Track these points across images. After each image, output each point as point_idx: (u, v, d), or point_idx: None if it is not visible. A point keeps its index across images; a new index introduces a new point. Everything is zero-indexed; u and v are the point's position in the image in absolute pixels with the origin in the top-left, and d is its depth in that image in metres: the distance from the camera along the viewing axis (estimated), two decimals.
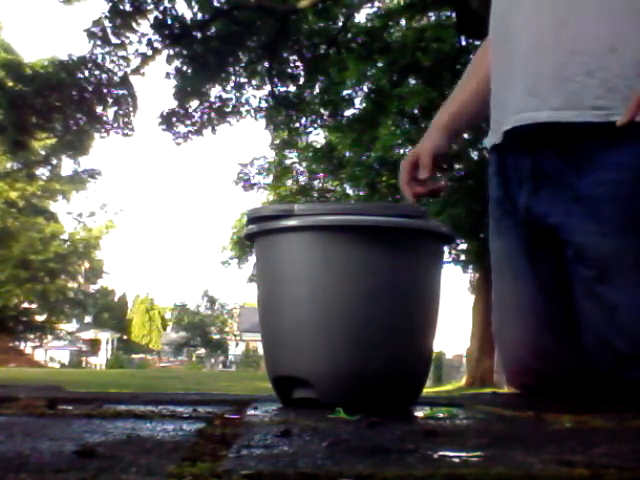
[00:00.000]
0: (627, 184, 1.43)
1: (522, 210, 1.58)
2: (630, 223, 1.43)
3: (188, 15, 11.80)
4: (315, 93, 13.79)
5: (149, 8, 11.34)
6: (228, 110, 13.37)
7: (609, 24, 1.45)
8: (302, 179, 19.04)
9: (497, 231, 1.68)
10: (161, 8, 11.35)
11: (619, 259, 1.44)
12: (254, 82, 13.31)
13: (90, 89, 12.00)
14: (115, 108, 12.38)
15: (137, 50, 11.76)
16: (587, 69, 1.44)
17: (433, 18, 13.00)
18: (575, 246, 1.49)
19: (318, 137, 17.75)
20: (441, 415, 1.18)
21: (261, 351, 1.58)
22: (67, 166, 33.56)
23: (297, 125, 14.99)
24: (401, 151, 14.11)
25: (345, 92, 14.11)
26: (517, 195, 1.59)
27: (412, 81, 13.32)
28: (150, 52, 11.77)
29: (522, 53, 1.52)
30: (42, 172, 26.29)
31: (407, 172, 1.65)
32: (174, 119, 12.92)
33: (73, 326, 38.49)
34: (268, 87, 12.95)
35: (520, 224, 1.59)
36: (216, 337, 45.02)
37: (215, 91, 13.09)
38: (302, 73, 12.95)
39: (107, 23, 11.37)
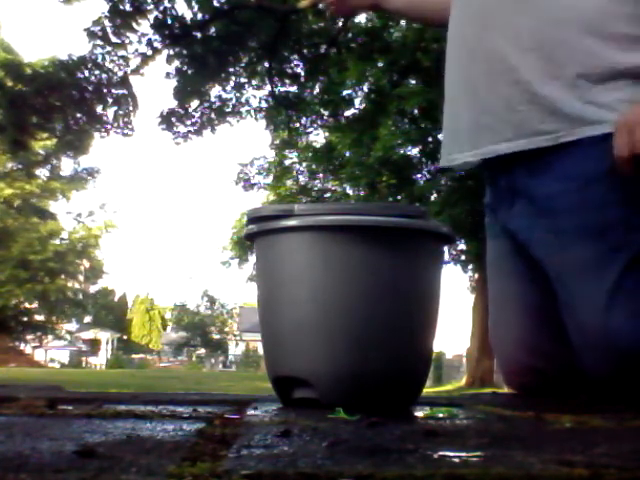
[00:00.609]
0: (573, 193, 1.47)
1: (500, 224, 1.66)
2: (583, 230, 1.46)
3: (188, 15, 11.80)
4: (315, 93, 13.78)
5: (149, 8, 11.33)
6: (228, 110, 13.37)
7: (545, 52, 1.49)
8: (302, 179, 19.03)
9: (491, 232, 1.73)
10: (161, 8, 11.34)
11: (578, 267, 1.47)
12: (254, 82, 13.30)
13: (90, 89, 11.99)
14: (115, 108, 12.37)
15: (137, 50, 11.76)
16: (529, 97, 1.50)
17: None
18: (540, 260, 1.54)
19: (318, 137, 17.75)
20: (441, 415, 1.18)
21: (261, 351, 1.59)
22: (67, 166, 33.55)
23: (297, 125, 14.97)
24: (401, 151, 14.11)
25: (345, 92, 14.09)
26: (498, 209, 1.67)
27: (412, 81, 13.31)
28: (150, 52, 11.76)
29: (471, 85, 1.59)
30: (42, 172, 26.31)
31: None
32: (174, 119, 12.91)
33: (73, 326, 38.48)
34: (268, 87, 12.94)
35: (509, 232, 1.64)
36: (216, 337, 45.03)
37: (215, 91, 13.09)
38: (302, 73, 12.94)
39: (107, 23, 11.35)
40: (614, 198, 1.43)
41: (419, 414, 1.22)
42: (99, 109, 12.38)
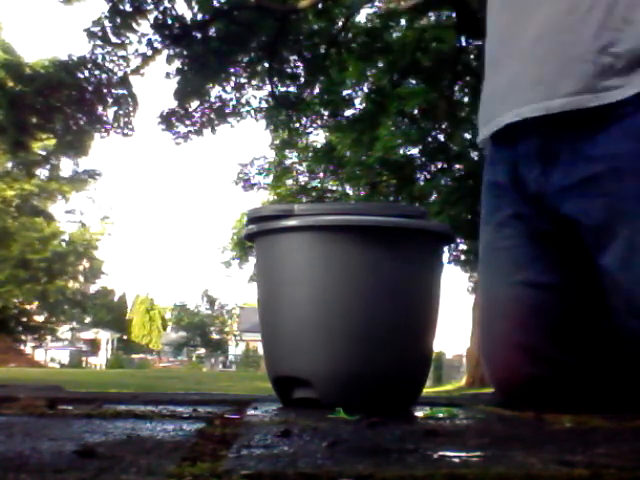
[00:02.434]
0: None
1: (532, 197, 1.43)
2: None
3: (188, 15, 11.81)
4: (315, 93, 13.79)
5: (149, 8, 11.34)
6: (228, 110, 13.37)
7: None
8: (302, 179, 19.03)
9: (493, 221, 1.53)
10: (161, 8, 11.34)
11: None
12: (254, 82, 13.31)
13: (90, 89, 11.99)
14: (115, 108, 12.38)
15: (137, 50, 11.76)
16: (599, 45, 1.33)
17: (433, 18, 13.00)
18: (592, 230, 1.35)
19: (318, 137, 17.75)
20: (441, 415, 1.18)
21: (261, 351, 1.59)
22: (67, 166, 33.57)
23: (297, 125, 14.98)
24: (401, 151, 14.12)
25: (345, 92, 14.10)
26: (526, 182, 1.44)
27: (412, 81, 13.32)
28: (150, 52, 11.76)
29: (525, 38, 1.40)
30: (41, 172, 26.31)
31: None
32: (174, 119, 12.92)
33: (73, 326, 38.49)
34: (268, 87, 12.94)
35: (525, 215, 1.45)
36: (216, 337, 45.05)
37: (215, 91, 13.10)
38: (302, 73, 12.94)
39: (107, 23, 11.36)
40: None
41: (419, 414, 1.22)
42: (99, 109, 12.39)
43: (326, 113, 14.45)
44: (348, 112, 14.52)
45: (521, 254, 1.46)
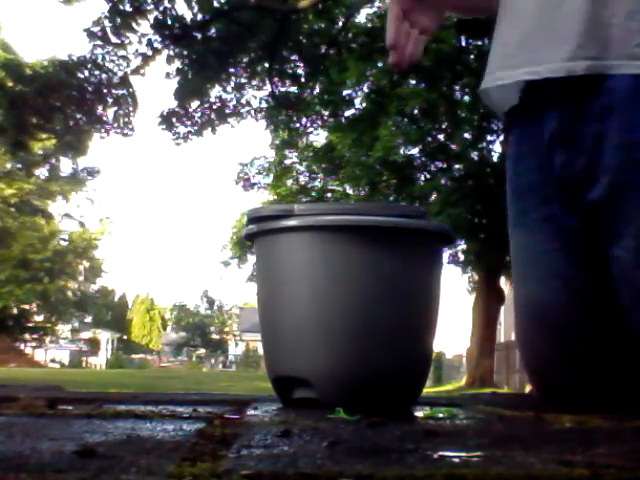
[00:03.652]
0: None
1: (557, 184, 1.36)
2: None
3: (188, 15, 11.82)
4: (315, 93, 13.80)
5: (149, 8, 11.34)
6: (228, 111, 13.38)
7: None
8: (302, 179, 19.04)
9: (523, 224, 1.45)
10: (161, 8, 11.35)
11: None
12: (254, 82, 13.31)
13: (90, 89, 12.00)
14: (115, 108, 12.39)
15: (137, 50, 11.77)
16: (628, 9, 1.23)
17: None
18: (610, 218, 1.29)
19: (318, 137, 17.77)
20: (441, 415, 1.18)
21: (261, 351, 1.59)
22: (66, 166, 33.55)
23: (297, 125, 15.00)
24: (401, 151, 14.13)
25: (345, 92, 14.12)
26: (552, 167, 1.36)
27: (412, 81, 13.33)
28: (150, 52, 11.77)
29: None
30: (41, 172, 26.31)
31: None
32: (174, 119, 12.93)
33: (73, 326, 38.48)
34: (268, 87, 12.95)
35: (556, 217, 1.38)
36: (216, 337, 45.07)
37: (215, 91, 13.10)
38: (302, 73, 12.95)
39: (107, 23, 11.36)
40: None
41: (419, 414, 1.22)
42: (99, 109, 12.39)
43: (326, 113, 14.46)
44: (348, 112, 14.54)
45: (553, 258, 1.41)
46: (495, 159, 13.80)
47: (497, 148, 14.12)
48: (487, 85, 1.41)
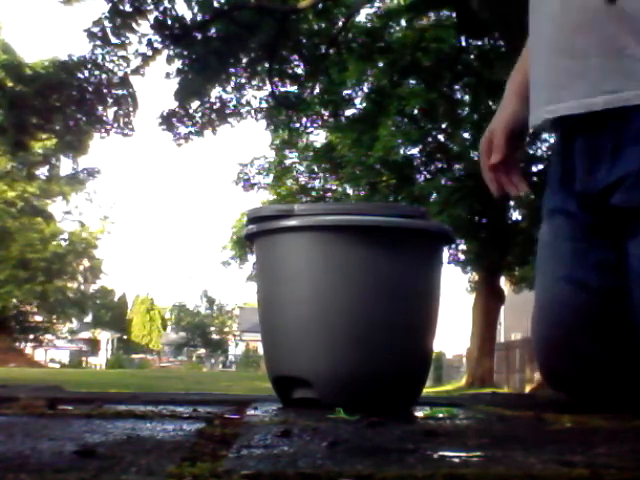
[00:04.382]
0: None
1: (578, 195, 1.40)
2: None
3: (188, 15, 11.81)
4: (315, 93, 13.79)
5: (149, 8, 11.34)
6: (228, 111, 13.37)
7: None
8: (302, 179, 19.03)
9: (547, 218, 1.49)
10: (161, 8, 11.34)
11: None
12: (254, 82, 13.31)
13: (90, 89, 11.99)
14: (115, 108, 12.38)
15: (137, 50, 11.76)
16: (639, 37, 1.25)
17: (433, 18, 13.01)
18: (630, 215, 1.31)
19: (318, 137, 17.76)
20: (441, 415, 1.18)
21: (261, 351, 1.59)
22: (66, 166, 33.57)
23: (297, 125, 14.99)
24: (401, 151, 14.12)
25: (345, 92, 14.11)
26: (577, 177, 1.39)
27: (412, 81, 13.32)
28: (150, 52, 11.76)
29: (566, 27, 1.33)
30: (41, 172, 26.31)
31: (485, 154, 1.48)
32: (174, 119, 12.92)
33: (73, 326, 38.48)
34: (268, 88, 12.94)
35: (570, 212, 1.42)
36: (216, 337, 45.06)
37: (215, 92, 13.10)
38: (302, 73, 12.95)
39: (107, 23, 11.36)
40: None
41: (419, 414, 1.22)
42: (99, 109, 12.39)
43: (326, 113, 14.46)
44: (348, 112, 14.53)
45: (565, 250, 1.43)
46: None
47: None
48: (531, 125, 1.47)
